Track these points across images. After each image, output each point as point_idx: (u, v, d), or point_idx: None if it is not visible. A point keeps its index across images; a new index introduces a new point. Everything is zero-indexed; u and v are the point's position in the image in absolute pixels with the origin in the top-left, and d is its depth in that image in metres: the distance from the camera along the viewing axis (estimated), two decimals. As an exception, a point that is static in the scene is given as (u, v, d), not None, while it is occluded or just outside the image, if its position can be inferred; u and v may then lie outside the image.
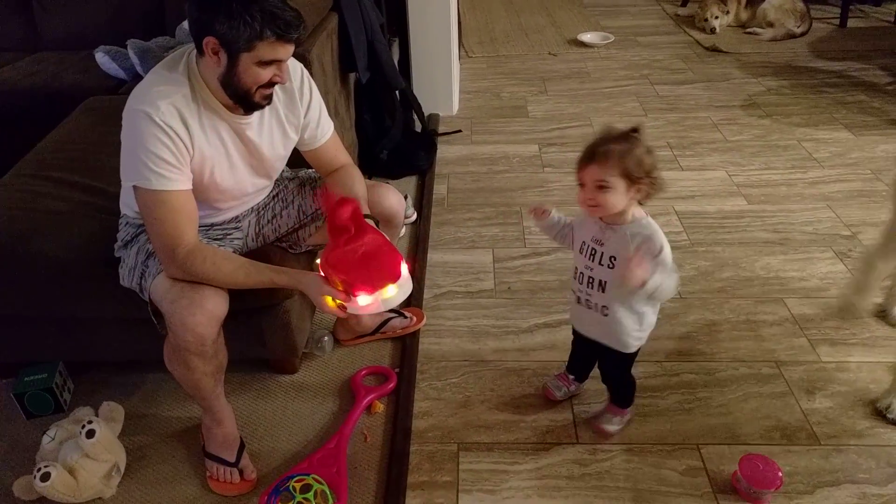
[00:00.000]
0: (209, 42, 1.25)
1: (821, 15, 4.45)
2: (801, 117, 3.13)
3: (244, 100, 1.33)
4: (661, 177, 1.31)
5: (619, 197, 1.29)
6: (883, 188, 2.53)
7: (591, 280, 1.41)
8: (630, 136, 1.30)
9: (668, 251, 1.33)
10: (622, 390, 1.61)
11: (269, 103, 1.38)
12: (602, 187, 1.28)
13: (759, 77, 3.61)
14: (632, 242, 1.33)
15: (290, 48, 1.30)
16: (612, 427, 1.61)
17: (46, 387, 1.69)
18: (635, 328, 1.44)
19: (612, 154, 1.26)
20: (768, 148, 2.87)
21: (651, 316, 1.45)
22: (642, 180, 1.28)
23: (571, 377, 1.71)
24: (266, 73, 1.29)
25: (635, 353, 1.51)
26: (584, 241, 1.42)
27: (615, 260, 1.36)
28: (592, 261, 1.40)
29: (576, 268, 1.45)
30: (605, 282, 1.39)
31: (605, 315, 1.42)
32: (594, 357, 1.61)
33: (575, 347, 1.67)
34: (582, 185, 1.32)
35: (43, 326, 1.68)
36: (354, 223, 1.33)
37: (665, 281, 1.31)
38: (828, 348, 1.82)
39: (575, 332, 1.60)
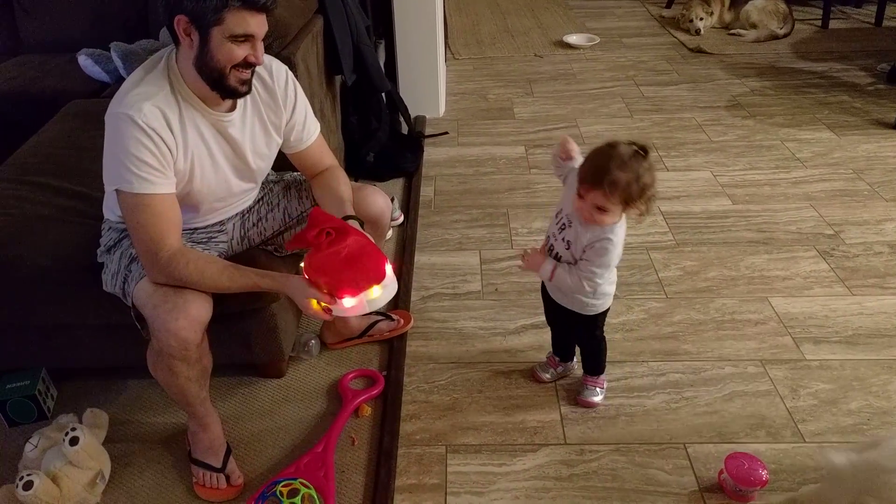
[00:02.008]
0: (180, 21, 1.24)
1: (803, 16, 4.50)
2: (785, 118, 3.16)
3: (220, 82, 1.30)
4: (655, 195, 1.35)
5: (614, 218, 1.37)
6: (865, 187, 2.56)
7: (552, 248, 1.49)
8: (638, 158, 1.31)
9: (602, 263, 1.41)
10: (593, 355, 1.68)
11: (247, 91, 1.35)
12: (601, 209, 1.34)
13: (742, 78, 3.64)
14: (585, 238, 1.40)
15: (261, 19, 1.27)
16: (595, 398, 1.68)
17: (29, 394, 1.67)
18: (592, 298, 1.51)
19: (619, 185, 1.30)
20: (752, 148, 2.90)
21: (606, 286, 1.51)
22: (639, 203, 1.33)
23: (557, 358, 1.76)
24: (240, 51, 1.27)
25: (602, 316, 1.58)
26: (562, 210, 1.48)
27: (570, 245, 1.44)
28: (561, 232, 1.47)
29: (549, 228, 1.53)
30: (560, 256, 1.48)
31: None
32: (567, 325, 1.65)
33: (548, 318, 1.73)
34: (581, 197, 1.36)
35: (25, 333, 1.66)
36: (332, 226, 1.33)
37: (565, 280, 1.44)
38: (811, 346, 1.84)
39: (546, 301, 1.66)
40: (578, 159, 1.48)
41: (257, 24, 1.27)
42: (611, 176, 1.29)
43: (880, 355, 1.80)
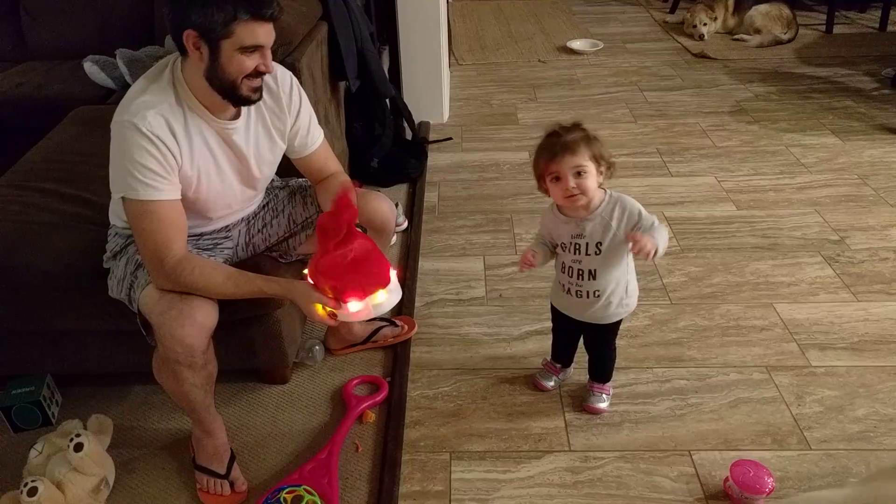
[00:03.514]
0: (189, 36, 1.24)
1: (807, 21, 4.49)
2: (789, 123, 3.15)
3: (232, 93, 1.31)
4: (610, 154, 1.42)
5: (593, 179, 1.39)
6: (870, 193, 2.56)
7: (580, 272, 1.48)
8: (580, 126, 1.41)
9: (643, 209, 1.43)
10: (604, 363, 1.68)
11: (259, 98, 1.37)
12: (580, 173, 1.37)
13: (746, 83, 3.64)
14: (613, 221, 1.42)
15: (269, 29, 1.28)
16: (602, 404, 1.68)
17: (34, 400, 1.68)
18: (626, 298, 1.53)
19: (578, 142, 1.37)
20: (756, 153, 2.89)
21: (633, 282, 1.55)
22: (604, 161, 1.39)
23: (558, 365, 1.76)
24: (250, 62, 1.28)
25: (618, 325, 1.60)
26: (563, 243, 1.50)
27: (601, 245, 1.43)
28: (578, 254, 1.47)
29: (563, 263, 1.53)
30: (595, 269, 1.47)
31: (598, 297, 1.50)
32: (578, 336, 1.67)
33: (559, 332, 1.72)
34: (558, 178, 1.39)
35: (30, 338, 1.67)
36: (347, 227, 1.33)
37: (663, 235, 1.40)
38: (817, 353, 1.83)
39: (558, 317, 1.65)
40: (536, 246, 1.54)
41: (266, 35, 1.28)
42: (563, 139, 1.38)
43: (887, 362, 1.79)
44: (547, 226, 1.54)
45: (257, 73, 1.32)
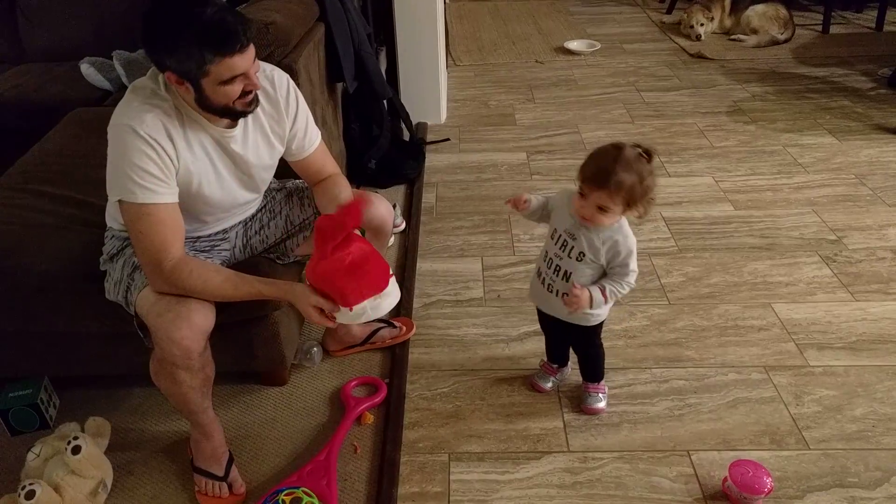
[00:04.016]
0: (170, 77, 1.25)
1: (804, 21, 4.51)
2: (786, 123, 3.16)
3: (226, 114, 1.32)
4: (655, 197, 1.37)
5: (614, 218, 1.38)
6: (867, 192, 2.56)
7: (557, 268, 1.48)
8: (642, 161, 1.33)
9: (633, 259, 1.42)
10: (592, 362, 1.68)
11: (255, 107, 1.36)
12: (603, 210, 1.35)
13: (744, 83, 3.64)
14: (601, 245, 1.41)
15: (246, 55, 1.25)
16: (599, 404, 1.68)
17: (31, 402, 1.67)
18: (594, 308, 1.50)
19: (624, 186, 1.31)
20: (754, 154, 2.90)
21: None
22: (640, 205, 1.35)
23: (555, 366, 1.75)
24: (235, 88, 1.27)
25: (600, 325, 1.59)
26: (556, 229, 1.49)
27: (583, 256, 1.43)
28: (563, 251, 1.46)
29: (546, 251, 1.52)
30: (570, 272, 1.46)
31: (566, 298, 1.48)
32: (565, 333, 1.65)
33: (545, 330, 1.72)
34: (583, 195, 1.37)
35: (27, 341, 1.66)
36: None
37: (618, 291, 1.43)
38: (815, 353, 1.83)
39: (541, 314, 1.66)
40: (534, 199, 1.52)
41: (244, 63, 1.24)
42: (616, 177, 1.30)
43: (884, 361, 1.79)
44: (557, 202, 1.51)
45: (247, 93, 1.30)
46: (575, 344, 1.69)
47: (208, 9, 1.18)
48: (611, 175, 1.30)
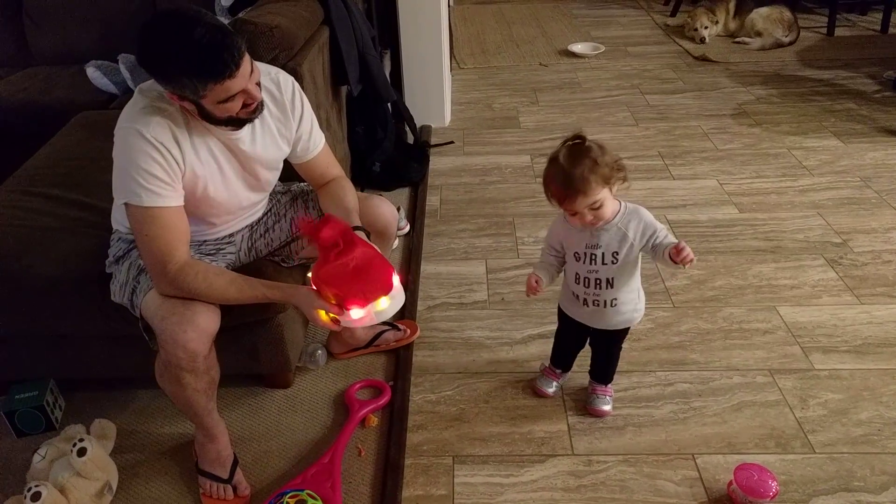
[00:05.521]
0: (171, 95, 1.25)
1: (808, 24, 4.50)
2: (791, 126, 3.15)
3: (231, 123, 1.32)
4: (623, 162, 1.38)
5: (609, 203, 1.39)
6: (872, 195, 2.55)
7: (597, 281, 1.48)
8: (579, 148, 1.34)
9: (656, 224, 1.43)
10: (610, 366, 1.69)
11: (260, 113, 1.36)
12: (595, 208, 1.36)
13: (748, 86, 3.64)
14: (630, 232, 1.43)
15: (239, 76, 1.22)
16: (606, 406, 1.68)
17: (37, 404, 1.68)
18: (638, 303, 1.55)
19: (587, 179, 1.32)
20: (758, 156, 2.89)
21: (642, 289, 1.57)
22: (615, 178, 1.36)
23: (558, 370, 1.76)
24: (236, 104, 1.26)
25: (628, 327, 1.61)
26: (576, 253, 1.49)
27: (618, 255, 1.44)
28: (594, 263, 1.47)
29: (576, 273, 1.52)
30: (613, 278, 1.47)
31: (614, 306, 1.51)
32: (584, 341, 1.68)
33: (566, 337, 1.71)
34: (573, 214, 1.39)
35: (34, 343, 1.67)
36: (343, 238, 1.33)
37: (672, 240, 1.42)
38: (820, 356, 1.83)
39: (567, 321, 1.64)
40: (542, 272, 1.54)
41: (239, 83, 1.23)
42: (577, 176, 1.32)
43: (890, 364, 1.79)
44: (558, 234, 1.53)
45: (247, 105, 1.30)
46: (598, 345, 1.68)
47: (197, 30, 1.16)
48: (572, 179, 1.33)
